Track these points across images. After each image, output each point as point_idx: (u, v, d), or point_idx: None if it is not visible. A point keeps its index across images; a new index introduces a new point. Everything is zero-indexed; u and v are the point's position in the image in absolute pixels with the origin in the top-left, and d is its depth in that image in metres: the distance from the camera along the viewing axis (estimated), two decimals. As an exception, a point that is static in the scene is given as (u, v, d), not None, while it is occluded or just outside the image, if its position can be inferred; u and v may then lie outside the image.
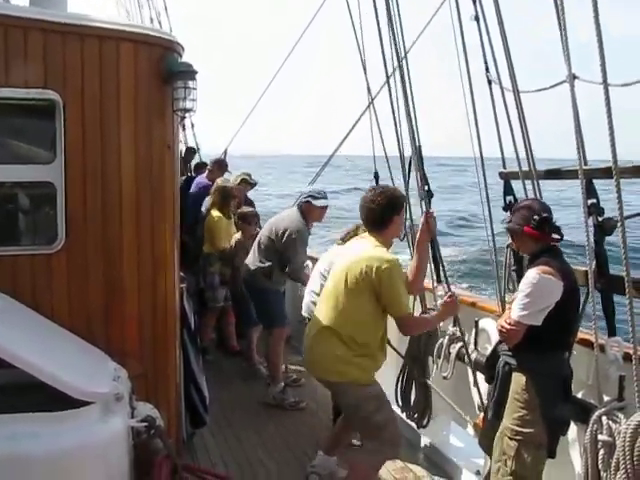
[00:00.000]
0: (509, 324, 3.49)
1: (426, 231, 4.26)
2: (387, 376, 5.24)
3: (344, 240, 5.66)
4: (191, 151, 11.05)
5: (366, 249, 4.09)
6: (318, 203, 6.12)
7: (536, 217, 3.51)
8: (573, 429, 3.76)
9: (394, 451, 4.28)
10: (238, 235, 7.31)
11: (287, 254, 6.13)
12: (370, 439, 4.17)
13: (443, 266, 4.96)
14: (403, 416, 5.44)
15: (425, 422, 5.20)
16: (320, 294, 5.29)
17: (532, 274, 3.44)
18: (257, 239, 6.48)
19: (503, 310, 4.28)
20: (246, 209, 7.61)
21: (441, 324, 5.13)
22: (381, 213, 4.13)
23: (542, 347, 3.47)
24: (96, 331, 4.05)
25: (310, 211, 6.16)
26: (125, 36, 4.05)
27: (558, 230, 3.57)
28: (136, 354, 4.17)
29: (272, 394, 6.23)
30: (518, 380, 3.51)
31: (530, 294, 3.42)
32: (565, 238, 3.61)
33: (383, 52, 4.88)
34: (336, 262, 4.36)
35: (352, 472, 4.21)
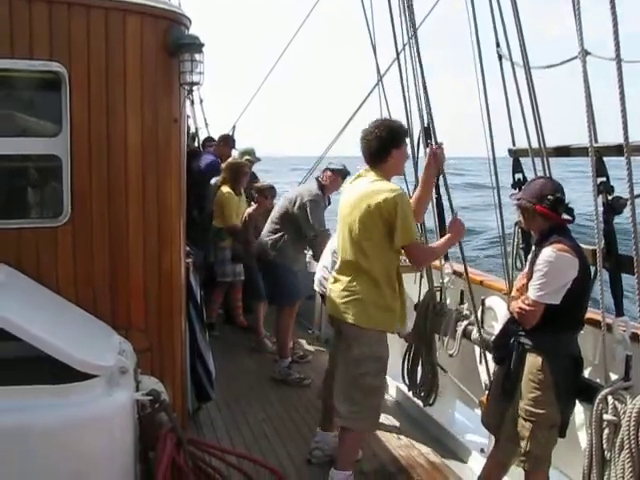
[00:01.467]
0: (528, 304, 3.44)
1: (433, 166, 4.09)
2: (394, 354, 5.23)
3: None
4: (208, 139, 10.67)
5: (369, 185, 3.94)
6: (332, 166, 6.26)
7: (550, 197, 3.46)
8: (579, 408, 3.75)
9: (373, 421, 4.17)
10: (250, 209, 7.32)
11: (301, 220, 6.18)
12: (352, 402, 4.02)
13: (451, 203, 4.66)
14: (409, 394, 5.45)
15: (432, 400, 5.20)
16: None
17: (548, 252, 3.38)
18: (272, 213, 6.52)
19: (511, 288, 4.24)
20: (262, 183, 7.64)
21: (448, 301, 5.13)
22: (380, 145, 3.95)
23: (557, 327, 3.43)
24: (101, 305, 4.06)
25: (326, 179, 6.25)
26: (131, 8, 3.99)
27: (570, 211, 3.53)
28: (141, 328, 4.18)
29: (278, 369, 6.29)
30: (533, 361, 3.46)
31: (547, 273, 3.36)
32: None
33: (393, 27, 4.81)
34: (340, 203, 4.20)
35: (342, 443, 4.13)
